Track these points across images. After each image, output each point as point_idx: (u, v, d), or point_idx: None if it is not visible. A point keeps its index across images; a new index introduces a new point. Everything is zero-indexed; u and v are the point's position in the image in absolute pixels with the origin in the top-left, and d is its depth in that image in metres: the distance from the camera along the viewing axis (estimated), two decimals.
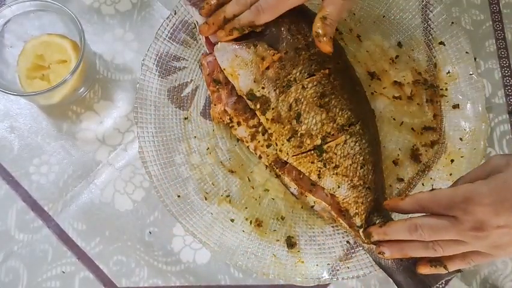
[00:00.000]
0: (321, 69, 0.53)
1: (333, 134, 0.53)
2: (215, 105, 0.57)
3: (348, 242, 0.57)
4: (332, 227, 0.58)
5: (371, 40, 0.64)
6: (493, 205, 0.42)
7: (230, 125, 0.57)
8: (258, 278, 0.57)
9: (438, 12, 0.64)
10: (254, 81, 0.54)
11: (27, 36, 0.60)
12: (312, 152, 0.53)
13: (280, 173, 0.56)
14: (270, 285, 0.58)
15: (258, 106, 0.54)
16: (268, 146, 0.56)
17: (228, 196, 0.58)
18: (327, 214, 0.56)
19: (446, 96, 0.62)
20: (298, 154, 0.54)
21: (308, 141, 0.53)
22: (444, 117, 0.62)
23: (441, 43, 0.63)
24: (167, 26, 0.62)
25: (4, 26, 0.59)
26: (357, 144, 0.53)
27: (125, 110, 0.63)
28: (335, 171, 0.53)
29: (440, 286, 0.58)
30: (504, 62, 0.67)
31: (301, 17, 0.55)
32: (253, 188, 0.59)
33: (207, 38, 0.57)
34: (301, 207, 0.58)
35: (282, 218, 0.58)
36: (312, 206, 0.56)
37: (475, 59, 0.63)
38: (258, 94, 0.54)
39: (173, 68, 0.62)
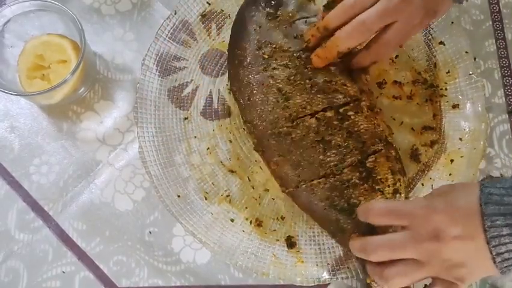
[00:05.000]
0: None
1: None
2: None
3: None
4: None
5: None
6: (449, 214, 0.43)
7: None
8: (258, 278, 0.57)
9: None
10: None
11: (28, 36, 0.60)
12: None
13: None
14: (270, 285, 0.58)
15: None
16: None
17: (228, 196, 0.58)
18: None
19: (445, 96, 0.62)
20: None
21: None
22: (444, 117, 0.62)
23: (441, 43, 0.63)
24: (167, 26, 0.62)
25: (4, 26, 0.59)
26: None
27: (126, 110, 0.63)
28: None
29: None
30: (504, 62, 0.67)
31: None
32: (253, 187, 0.59)
33: None
34: None
35: (282, 218, 0.58)
36: None
37: (474, 59, 0.63)
38: None
39: (173, 68, 0.62)
